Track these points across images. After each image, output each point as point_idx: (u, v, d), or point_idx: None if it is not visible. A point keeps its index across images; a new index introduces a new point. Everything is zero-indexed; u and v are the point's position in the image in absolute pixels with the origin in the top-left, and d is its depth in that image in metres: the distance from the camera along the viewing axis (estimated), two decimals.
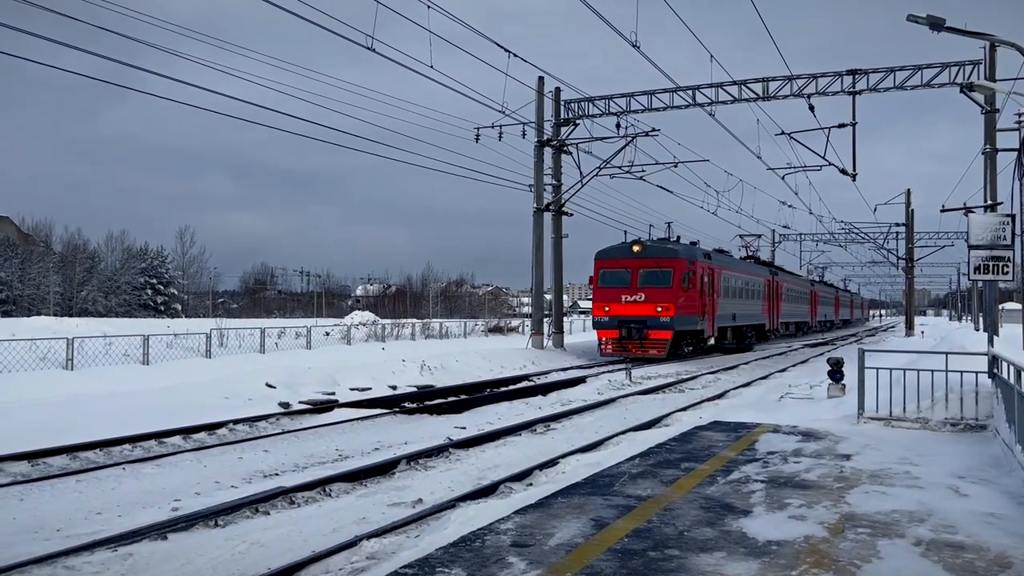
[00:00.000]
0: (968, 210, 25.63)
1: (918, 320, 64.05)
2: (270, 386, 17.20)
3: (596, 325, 31.45)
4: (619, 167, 31.95)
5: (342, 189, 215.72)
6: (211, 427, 13.39)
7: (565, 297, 45.60)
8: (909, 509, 6.97)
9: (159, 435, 12.43)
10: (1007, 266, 13.22)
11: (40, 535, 7.68)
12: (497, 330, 49.69)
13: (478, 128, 30.74)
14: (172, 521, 7.95)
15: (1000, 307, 32.25)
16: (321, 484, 9.55)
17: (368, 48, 16.98)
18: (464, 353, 26.25)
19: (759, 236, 61.00)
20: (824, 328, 71.90)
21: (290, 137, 35.51)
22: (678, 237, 34.63)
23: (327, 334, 34.33)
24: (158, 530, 7.67)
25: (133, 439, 12.09)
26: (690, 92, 30.03)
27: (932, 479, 8.21)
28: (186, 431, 12.93)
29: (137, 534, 7.51)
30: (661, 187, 34.95)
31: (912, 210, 55.44)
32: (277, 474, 10.44)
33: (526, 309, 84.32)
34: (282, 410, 15.62)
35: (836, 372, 15.50)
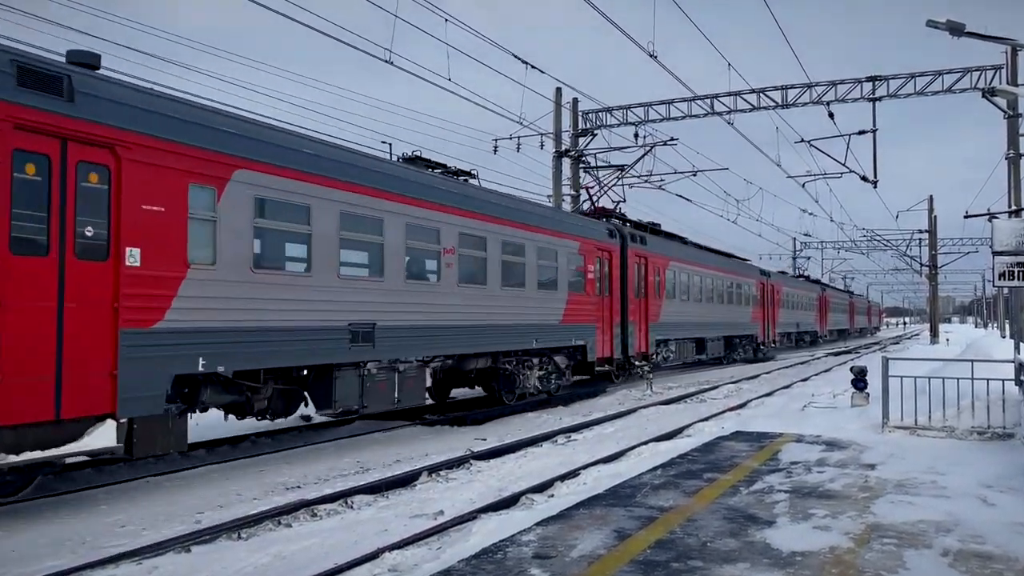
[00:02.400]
0: (992, 216, 25.36)
1: (943, 327, 63.37)
2: None
3: None
4: (638, 176, 31.90)
5: None
6: (233, 440, 13.47)
7: None
8: (936, 519, 6.90)
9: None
10: None
11: (67, 548, 7.76)
12: None
13: (496, 140, 30.85)
14: (196, 534, 8.00)
15: None
16: (343, 496, 9.59)
17: (386, 61, 17.10)
18: None
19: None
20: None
21: None
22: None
23: None
24: (182, 543, 7.73)
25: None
26: (708, 101, 29.97)
27: (959, 488, 8.11)
28: (209, 444, 13.01)
29: (162, 547, 7.57)
30: (680, 196, 34.83)
31: (935, 216, 54.90)
32: (299, 486, 10.48)
33: None
34: (303, 423, 15.68)
35: (860, 381, 15.36)
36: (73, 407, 8.36)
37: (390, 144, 17.37)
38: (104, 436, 8.68)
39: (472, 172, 16.99)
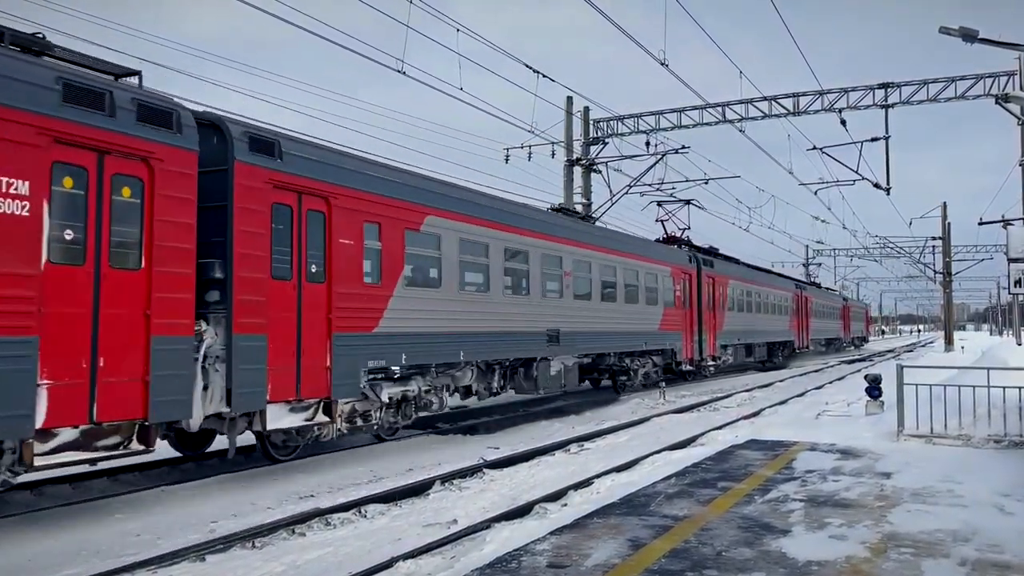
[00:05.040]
0: (1007, 222, 25.23)
1: (957, 335, 62.90)
2: None
3: None
4: (649, 184, 31.88)
5: None
6: (247, 450, 13.49)
7: None
8: (953, 528, 6.85)
9: (196, 458, 12.55)
10: None
11: (82, 556, 7.80)
12: None
13: (508, 149, 30.90)
14: (210, 543, 8.02)
15: None
16: (356, 505, 9.60)
17: (399, 71, 17.18)
18: None
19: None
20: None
21: None
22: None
23: None
24: (197, 552, 7.76)
25: (171, 462, 12.23)
26: (720, 109, 29.95)
27: (976, 497, 8.05)
28: (223, 454, 13.04)
29: (177, 555, 7.60)
30: (692, 203, 34.78)
31: (949, 223, 54.62)
32: (313, 495, 10.50)
33: None
34: (316, 431, 15.69)
35: (874, 389, 15.26)
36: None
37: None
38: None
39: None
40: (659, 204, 32.82)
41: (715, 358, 29.67)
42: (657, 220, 32.93)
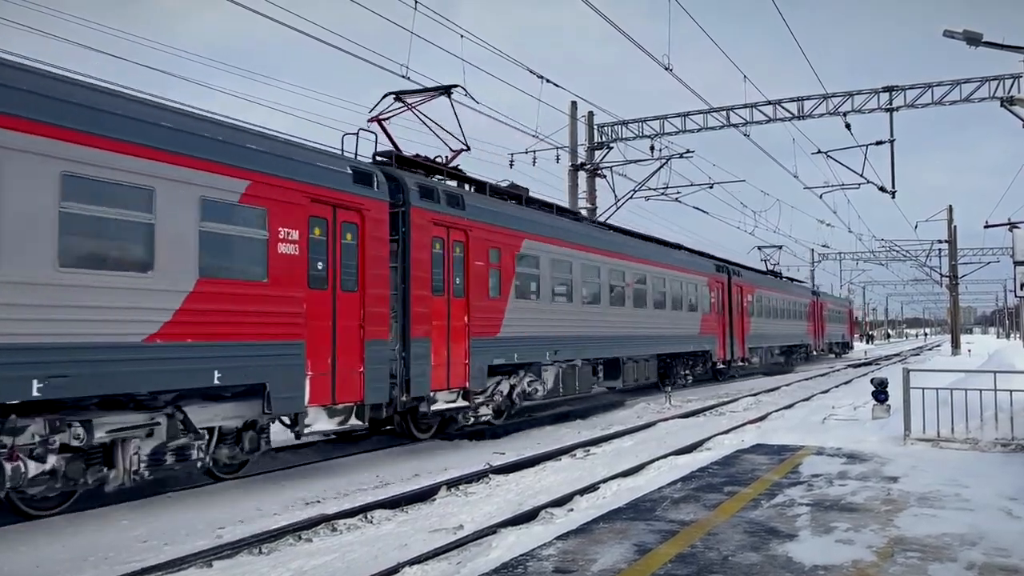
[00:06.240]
0: (1013, 225, 25.18)
1: (964, 338, 62.69)
2: None
3: None
4: (654, 189, 31.88)
5: None
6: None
7: None
8: (960, 532, 6.83)
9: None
10: None
11: (89, 563, 7.81)
12: None
13: (512, 154, 30.92)
14: (217, 549, 8.04)
15: None
16: (363, 511, 9.60)
17: (403, 77, 17.23)
18: None
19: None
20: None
21: None
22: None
23: None
24: (203, 558, 7.77)
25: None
26: (724, 113, 29.95)
27: (983, 501, 8.03)
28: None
29: (184, 562, 7.61)
30: (697, 208, 34.80)
31: (955, 226, 54.53)
32: (319, 501, 10.51)
33: None
34: (322, 437, 15.73)
35: (880, 392, 15.23)
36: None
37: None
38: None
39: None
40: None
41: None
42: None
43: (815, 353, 48.79)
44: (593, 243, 20.15)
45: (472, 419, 15.48)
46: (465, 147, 15.99)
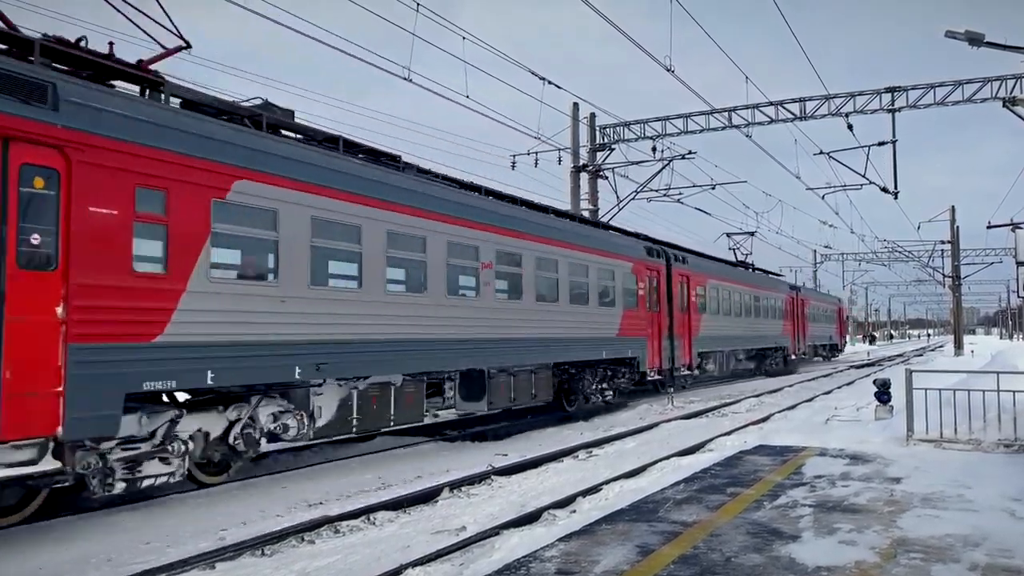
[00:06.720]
0: (1015, 226, 25.11)
1: (967, 339, 62.60)
2: None
3: None
4: (656, 190, 31.88)
5: None
6: (255, 458, 13.52)
7: None
8: (963, 533, 6.82)
9: (205, 466, 12.58)
10: None
11: (92, 565, 7.82)
12: None
13: (514, 156, 30.94)
14: (220, 551, 8.04)
15: None
16: (365, 512, 9.60)
17: (405, 79, 17.24)
18: None
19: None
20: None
21: None
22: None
23: None
24: (207, 560, 7.78)
25: None
26: (726, 114, 29.94)
27: (986, 502, 8.02)
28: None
29: (187, 564, 7.62)
30: (699, 209, 34.80)
31: (957, 227, 54.46)
32: (321, 503, 10.51)
33: None
34: (324, 439, 15.75)
35: (883, 393, 15.21)
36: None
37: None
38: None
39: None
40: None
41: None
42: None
43: (794, 357, 41.54)
44: (413, 201, 13.40)
45: (102, 490, 8.99)
46: (184, 44, 10.31)
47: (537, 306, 17.08)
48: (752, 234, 37.38)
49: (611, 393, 21.35)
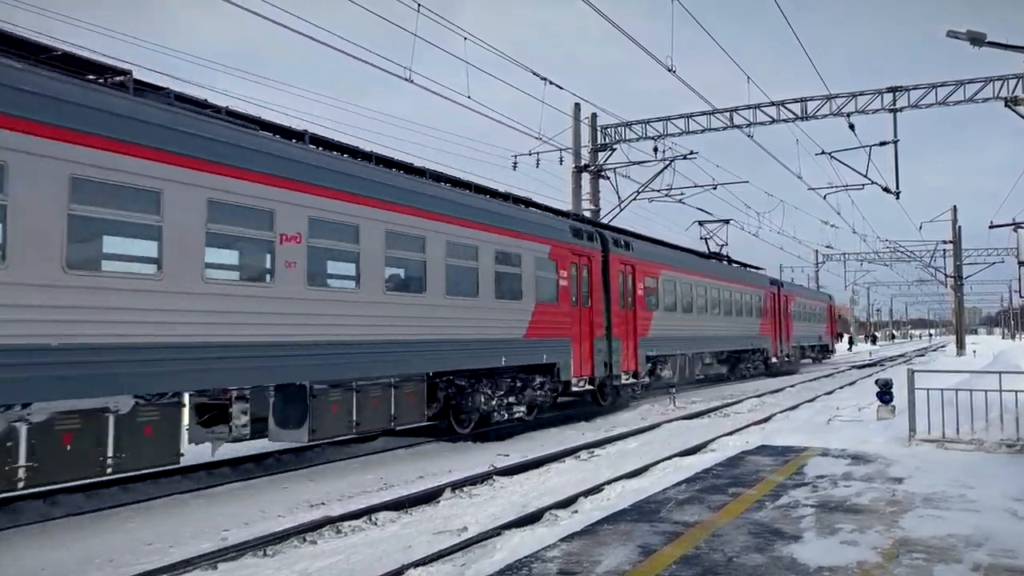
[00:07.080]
0: (1017, 226, 25.11)
1: (969, 339, 62.54)
2: None
3: None
4: (657, 190, 31.87)
5: None
6: (257, 458, 13.55)
7: None
8: (965, 533, 6.81)
9: (208, 466, 12.62)
10: None
11: (94, 565, 7.83)
12: None
13: (515, 156, 30.93)
14: (222, 551, 8.05)
15: None
16: (367, 513, 9.61)
17: (406, 80, 17.25)
18: None
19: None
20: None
21: None
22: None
23: None
24: (209, 560, 7.78)
25: (183, 471, 12.27)
26: (727, 114, 29.93)
27: (989, 502, 8.01)
28: (233, 462, 13.09)
29: (189, 564, 7.63)
30: (701, 209, 34.76)
31: (959, 227, 54.42)
32: (323, 503, 10.52)
33: None
34: (633, 387, 16.42)
35: (885, 393, 15.19)
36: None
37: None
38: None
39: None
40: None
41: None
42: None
43: (774, 360, 37.01)
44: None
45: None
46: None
47: (388, 298, 12.95)
48: (727, 222, 33.70)
49: (523, 409, 17.36)
